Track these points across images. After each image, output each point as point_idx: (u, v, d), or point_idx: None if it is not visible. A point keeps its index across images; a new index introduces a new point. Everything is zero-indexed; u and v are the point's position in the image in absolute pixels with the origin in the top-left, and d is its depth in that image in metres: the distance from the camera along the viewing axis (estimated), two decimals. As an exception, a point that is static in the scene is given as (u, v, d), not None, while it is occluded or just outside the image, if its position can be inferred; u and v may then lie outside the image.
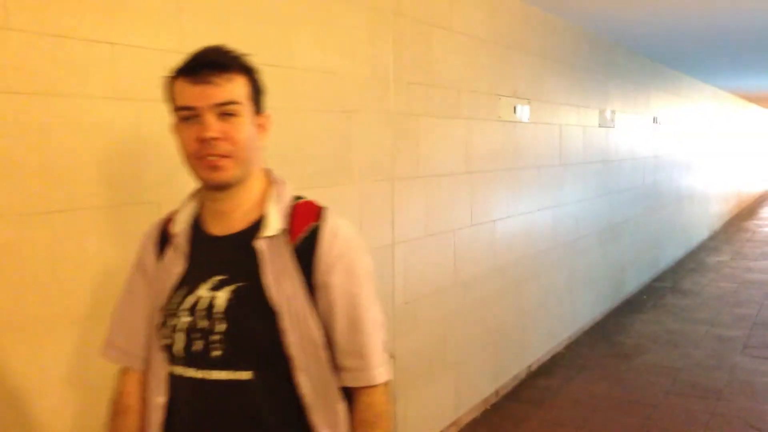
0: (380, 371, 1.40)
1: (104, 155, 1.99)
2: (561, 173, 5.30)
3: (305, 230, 1.39)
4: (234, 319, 1.34)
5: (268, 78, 2.48)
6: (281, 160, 2.60)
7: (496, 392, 4.36)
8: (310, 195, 2.70)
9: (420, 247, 3.52)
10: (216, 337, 1.34)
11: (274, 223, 1.38)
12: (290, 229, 1.38)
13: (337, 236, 1.39)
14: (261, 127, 1.43)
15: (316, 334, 1.36)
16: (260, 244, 1.37)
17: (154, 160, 2.12)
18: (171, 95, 1.38)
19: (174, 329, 1.39)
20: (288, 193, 1.45)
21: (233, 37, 2.34)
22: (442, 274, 3.74)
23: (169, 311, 1.41)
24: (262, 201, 1.43)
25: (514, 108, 4.45)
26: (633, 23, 5.50)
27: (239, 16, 2.40)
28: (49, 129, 1.85)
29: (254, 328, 1.34)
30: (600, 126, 6.14)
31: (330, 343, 1.39)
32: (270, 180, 1.47)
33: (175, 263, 1.45)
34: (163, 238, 1.49)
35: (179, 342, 1.38)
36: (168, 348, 1.41)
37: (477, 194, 4.05)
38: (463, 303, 3.95)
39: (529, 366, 4.86)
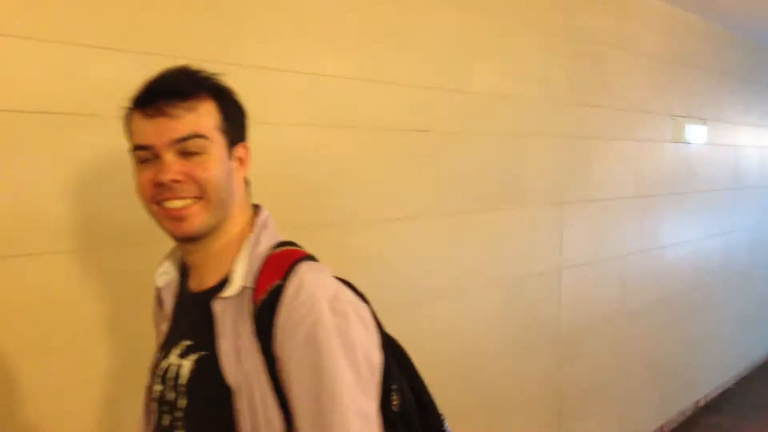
0: None
1: (302, 179, 2.10)
2: (735, 198, 4.97)
3: (266, 291, 1.07)
4: (193, 395, 1.11)
5: (450, 103, 2.56)
6: (456, 182, 2.63)
7: (662, 428, 4.13)
8: (479, 218, 2.74)
9: (587, 274, 3.42)
10: (179, 414, 1.13)
11: (237, 280, 1.11)
12: (256, 288, 1.09)
13: (299, 297, 1.05)
14: (239, 161, 1.17)
15: (276, 419, 1.05)
16: (217, 307, 1.11)
17: (338, 182, 2.22)
18: (129, 132, 1.14)
19: (151, 398, 1.21)
20: (267, 240, 1.15)
21: (417, 63, 2.42)
22: (608, 302, 3.61)
23: (152, 376, 1.23)
24: (238, 249, 1.15)
25: (689, 129, 4.23)
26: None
27: (423, 43, 2.45)
28: (259, 156, 1.95)
29: (211, 408, 1.09)
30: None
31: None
32: (253, 223, 1.18)
33: (163, 321, 1.27)
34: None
35: (155, 412, 1.19)
36: (152, 417, 1.22)
37: (646, 219, 3.88)
38: (630, 332, 3.79)
39: (697, 402, 4.58)
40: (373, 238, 2.32)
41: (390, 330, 1.26)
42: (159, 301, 1.30)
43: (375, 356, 1.09)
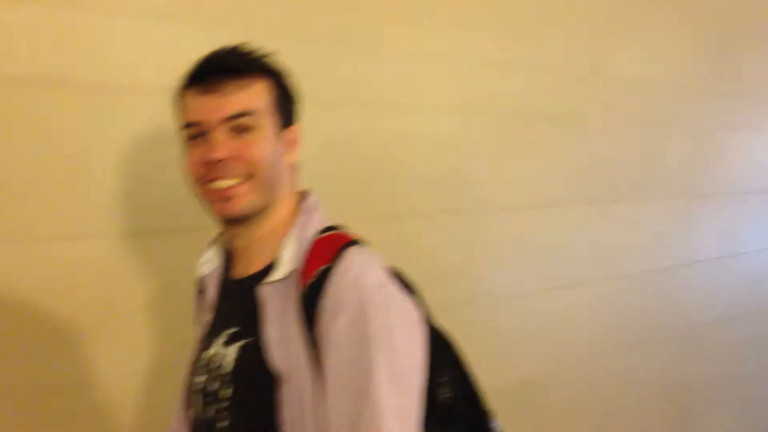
0: None
1: (435, 162, 2.12)
2: None
3: (314, 274, 1.03)
4: (238, 385, 1.07)
5: (588, 89, 2.52)
6: (588, 171, 2.61)
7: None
8: (609, 209, 2.69)
9: (712, 269, 3.30)
10: (223, 405, 1.08)
11: (284, 264, 1.07)
12: (303, 272, 1.05)
13: (346, 280, 1.00)
14: (290, 143, 1.14)
15: (322, 412, 0.99)
16: (262, 292, 1.08)
17: (475, 167, 2.23)
18: (180, 111, 1.12)
19: (192, 389, 1.18)
20: (315, 224, 1.11)
21: (556, 49, 2.39)
22: (732, 300, 3.47)
23: (193, 368, 1.20)
24: (285, 233, 1.12)
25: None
26: None
27: (562, 28, 2.42)
28: (394, 139, 2.01)
29: (257, 396, 1.05)
30: None
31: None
32: (301, 207, 1.15)
33: (205, 311, 1.25)
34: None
35: (197, 405, 1.15)
36: (190, 411, 1.19)
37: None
38: (752, 333, 3.64)
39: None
40: (505, 225, 2.32)
41: (511, 317, 1.17)
42: (200, 292, 1.29)
43: (417, 350, 1.03)
